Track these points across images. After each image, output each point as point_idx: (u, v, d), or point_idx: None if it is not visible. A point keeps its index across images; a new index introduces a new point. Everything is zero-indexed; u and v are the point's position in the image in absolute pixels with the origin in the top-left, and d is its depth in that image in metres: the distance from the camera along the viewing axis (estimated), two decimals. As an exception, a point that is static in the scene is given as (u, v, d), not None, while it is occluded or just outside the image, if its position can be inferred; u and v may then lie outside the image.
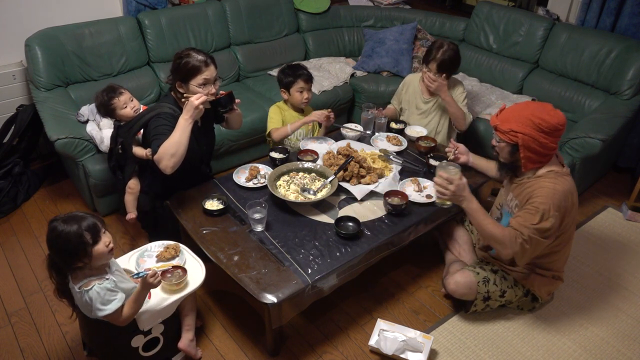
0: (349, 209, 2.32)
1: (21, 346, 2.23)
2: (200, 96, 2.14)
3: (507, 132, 2.00)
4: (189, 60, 2.20)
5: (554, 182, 2.00)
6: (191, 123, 2.14)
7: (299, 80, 2.72)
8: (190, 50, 2.25)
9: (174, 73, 2.26)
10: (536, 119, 1.95)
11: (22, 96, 3.26)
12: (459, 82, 3.04)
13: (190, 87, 2.22)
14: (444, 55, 2.80)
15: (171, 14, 3.51)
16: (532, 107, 2.01)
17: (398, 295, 2.50)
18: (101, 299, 1.71)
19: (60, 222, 1.67)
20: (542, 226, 1.99)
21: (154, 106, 2.31)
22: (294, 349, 2.22)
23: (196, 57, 2.20)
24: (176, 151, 2.11)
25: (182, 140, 2.12)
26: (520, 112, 2.00)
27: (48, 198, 3.18)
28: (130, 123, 2.38)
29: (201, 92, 2.20)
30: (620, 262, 2.73)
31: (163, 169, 2.13)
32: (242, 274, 1.97)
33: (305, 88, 2.74)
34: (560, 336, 2.29)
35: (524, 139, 1.97)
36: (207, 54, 2.26)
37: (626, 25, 3.37)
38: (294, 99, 2.77)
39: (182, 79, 2.23)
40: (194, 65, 2.19)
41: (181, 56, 2.22)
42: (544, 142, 1.97)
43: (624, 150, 3.45)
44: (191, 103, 2.12)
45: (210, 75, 2.23)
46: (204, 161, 2.52)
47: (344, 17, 4.30)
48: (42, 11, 3.26)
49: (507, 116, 2.02)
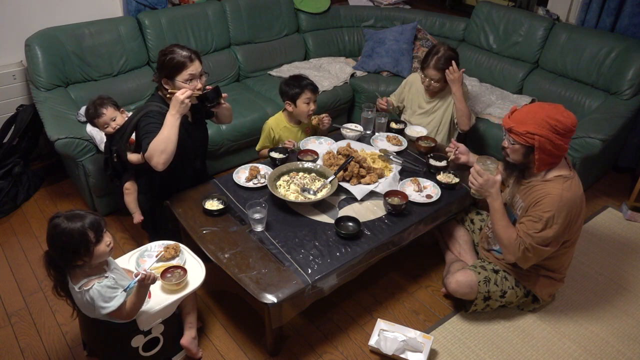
0: (349, 209, 2.32)
1: (21, 346, 2.23)
2: (185, 90, 2.13)
3: (524, 134, 1.98)
4: (173, 57, 2.19)
5: (560, 188, 2.00)
6: (178, 118, 2.13)
7: (305, 90, 2.68)
8: (174, 46, 2.24)
9: (159, 70, 2.26)
10: (552, 121, 1.95)
11: (22, 96, 3.26)
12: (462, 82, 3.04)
13: (177, 83, 2.21)
14: (439, 61, 2.83)
15: (171, 14, 3.51)
16: (546, 108, 2.00)
17: (398, 295, 2.50)
18: (103, 297, 1.70)
19: (64, 219, 1.66)
20: (544, 234, 2.00)
21: (141, 107, 2.30)
22: (294, 349, 2.22)
23: (180, 53, 2.20)
24: (165, 147, 2.10)
25: (171, 136, 2.11)
26: (536, 113, 1.98)
27: (48, 198, 3.18)
28: (121, 130, 2.37)
29: (186, 87, 2.19)
30: (620, 262, 2.73)
31: (154, 166, 2.13)
32: (242, 274, 1.97)
33: (312, 99, 2.71)
34: (560, 336, 2.29)
35: (541, 141, 1.96)
36: (191, 49, 2.25)
37: (626, 25, 3.37)
38: (300, 111, 2.72)
39: (168, 75, 2.22)
40: (179, 61, 2.19)
41: (165, 53, 2.22)
42: (559, 143, 1.97)
43: (624, 150, 3.45)
44: (176, 98, 2.11)
45: (196, 70, 2.22)
46: (197, 157, 2.51)
47: (344, 17, 4.30)
48: (42, 11, 3.26)
49: (522, 118, 2.00)
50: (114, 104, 2.50)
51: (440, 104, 3.01)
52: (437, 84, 2.89)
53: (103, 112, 2.44)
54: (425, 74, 2.91)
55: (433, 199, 2.36)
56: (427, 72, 2.89)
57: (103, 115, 2.44)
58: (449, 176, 2.51)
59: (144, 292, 1.80)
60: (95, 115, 2.45)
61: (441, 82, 2.89)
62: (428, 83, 2.92)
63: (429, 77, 2.89)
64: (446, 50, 2.85)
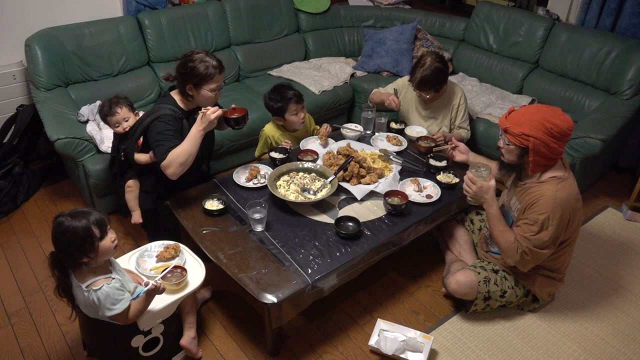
0: (349, 209, 2.32)
1: (21, 346, 2.23)
2: (216, 109, 2.16)
3: (519, 136, 1.99)
4: (205, 65, 2.18)
5: (554, 189, 2.00)
6: (203, 134, 2.16)
7: (290, 104, 2.61)
8: (203, 53, 2.22)
9: (185, 75, 2.21)
10: (548, 124, 1.95)
11: (22, 96, 3.26)
12: (457, 88, 2.94)
13: (203, 91, 2.22)
14: (422, 74, 2.69)
15: (171, 14, 3.51)
16: (543, 110, 2.00)
17: (398, 295, 2.50)
18: (111, 299, 1.72)
19: (67, 217, 1.67)
20: (541, 237, 2.02)
21: (153, 109, 2.29)
22: (294, 349, 2.22)
23: (211, 63, 2.20)
24: (186, 160, 2.15)
25: (193, 151, 2.16)
26: (532, 115, 1.98)
27: (48, 198, 3.18)
28: (131, 130, 2.38)
29: (211, 96, 2.23)
30: (620, 262, 2.73)
31: (169, 175, 2.16)
32: (242, 274, 1.97)
33: (298, 109, 2.65)
34: (560, 336, 2.29)
35: (535, 143, 1.97)
36: (218, 59, 2.25)
37: (626, 25, 3.37)
38: (291, 123, 2.69)
39: (196, 83, 2.21)
40: (210, 72, 2.19)
41: (194, 59, 2.19)
42: (554, 146, 1.97)
43: (624, 150, 3.45)
44: (207, 117, 2.14)
45: (221, 81, 2.26)
46: (204, 160, 2.53)
47: (344, 17, 4.30)
48: (42, 11, 3.26)
49: (519, 119, 2.00)
50: (129, 105, 2.52)
51: (436, 109, 2.95)
52: (428, 96, 2.81)
53: (117, 110, 2.46)
54: (414, 88, 2.81)
55: (433, 199, 2.36)
56: (415, 88, 2.79)
57: (116, 114, 2.46)
58: (449, 176, 2.51)
59: (149, 301, 1.82)
60: (109, 113, 2.47)
61: (432, 95, 2.80)
62: (419, 94, 2.85)
63: (417, 93, 2.82)
64: (433, 62, 2.69)
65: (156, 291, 1.79)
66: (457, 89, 2.95)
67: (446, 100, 2.92)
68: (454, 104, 2.92)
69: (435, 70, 2.69)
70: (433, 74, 2.69)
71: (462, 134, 2.98)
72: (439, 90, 2.81)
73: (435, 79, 2.71)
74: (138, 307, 1.79)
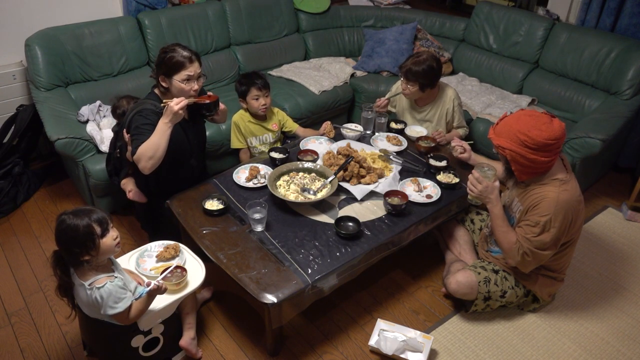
0: (349, 209, 2.32)
1: (21, 346, 2.23)
2: (180, 100, 2.11)
3: (497, 147, 2.03)
4: (173, 55, 2.19)
5: (557, 191, 2.00)
6: (170, 127, 2.12)
7: (252, 88, 2.73)
8: (176, 45, 2.25)
9: (157, 66, 2.26)
10: (522, 136, 1.94)
11: (22, 96, 3.26)
12: (450, 90, 2.91)
13: (174, 82, 2.22)
14: (413, 62, 2.69)
15: (171, 14, 3.51)
16: (522, 121, 1.97)
17: (398, 295, 2.50)
18: (114, 297, 1.72)
19: (70, 215, 1.69)
20: (542, 239, 2.01)
21: (137, 103, 2.30)
22: (294, 349, 2.22)
23: (181, 53, 2.20)
24: (154, 154, 2.11)
25: (161, 143, 2.11)
26: (510, 127, 1.98)
27: (48, 198, 3.18)
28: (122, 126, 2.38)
29: (183, 87, 2.21)
30: (620, 262, 2.73)
31: (141, 169, 2.15)
32: (242, 274, 1.97)
33: (260, 95, 2.74)
34: (560, 336, 2.29)
35: (512, 155, 1.99)
36: (192, 50, 2.26)
37: (626, 25, 3.37)
38: (251, 107, 2.79)
39: (166, 73, 2.22)
40: (178, 61, 2.19)
41: (166, 51, 2.22)
42: (532, 157, 1.95)
43: (624, 150, 3.45)
44: (171, 108, 2.09)
45: (194, 72, 2.23)
46: (194, 155, 2.49)
47: (344, 17, 4.30)
48: (42, 11, 3.26)
49: (500, 130, 2.03)
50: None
51: (431, 112, 2.94)
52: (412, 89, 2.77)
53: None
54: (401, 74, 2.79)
55: (433, 199, 2.36)
56: (402, 75, 2.77)
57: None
58: (449, 176, 2.51)
59: (151, 301, 1.83)
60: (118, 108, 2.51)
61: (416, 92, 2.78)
62: (404, 87, 2.81)
63: (405, 81, 2.78)
64: (428, 59, 2.69)
65: (158, 291, 1.80)
66: (450, 92, 2.91)
67: (440, 104, 2.92)
68: (448, 108, 2.90)
69: (427, 66, 2.70)
70: (423, 69, 2.69)
71: (459, 132, 2.99)
72: (424, 90, 2.79)
73: (424, 73, 2.71)
74: (139, 307, 1.79)
